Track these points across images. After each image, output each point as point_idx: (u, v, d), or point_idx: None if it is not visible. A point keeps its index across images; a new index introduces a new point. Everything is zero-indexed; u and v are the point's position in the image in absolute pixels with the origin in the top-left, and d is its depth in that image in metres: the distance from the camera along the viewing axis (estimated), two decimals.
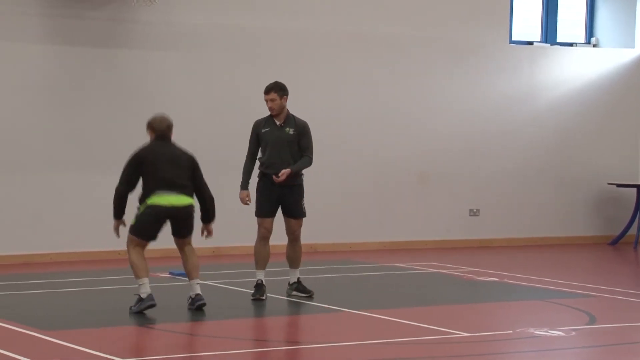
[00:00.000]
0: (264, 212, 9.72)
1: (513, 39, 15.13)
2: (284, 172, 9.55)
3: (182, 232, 9.17)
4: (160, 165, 8.97)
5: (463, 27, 14.55)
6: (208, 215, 9.31)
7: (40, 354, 7.25)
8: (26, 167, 12.32)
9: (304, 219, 9.88)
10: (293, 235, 9.82)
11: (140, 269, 8.94)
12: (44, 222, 12.39)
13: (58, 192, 12.43)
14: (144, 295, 8.85)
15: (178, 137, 9.17)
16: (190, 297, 9.13)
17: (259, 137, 9.73)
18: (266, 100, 9.72)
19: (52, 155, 12.43)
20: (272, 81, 9.86)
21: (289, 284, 9.95)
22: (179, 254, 13.20)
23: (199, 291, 9.12)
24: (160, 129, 9.10)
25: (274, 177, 9.56)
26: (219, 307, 9.59)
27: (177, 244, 9.25)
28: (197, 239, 9.30)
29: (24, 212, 12.30)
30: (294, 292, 9.88)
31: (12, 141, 12.25)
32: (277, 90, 9.70)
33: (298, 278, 9.92)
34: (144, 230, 9.02)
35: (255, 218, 9.80)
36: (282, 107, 9.73)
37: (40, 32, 12.35)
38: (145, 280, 8.91)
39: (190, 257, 9.24)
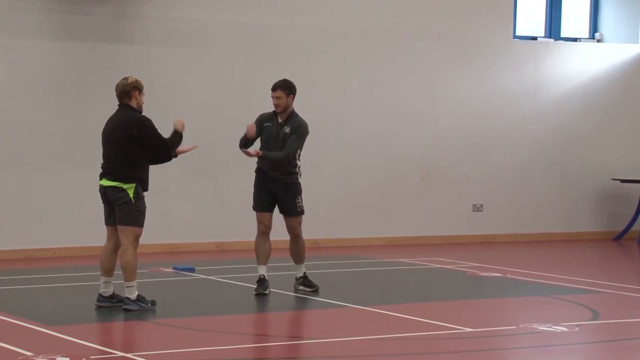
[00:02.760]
0: (260, 206, 9.73)
1: (517, 34, 15.11)
2: (255, 151, 9.52)
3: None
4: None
5: (467, 22, 14.52)
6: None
7: (43, 348, 7.26)
8: (30, 162, 12.32)
9: (306, 215, 9.87)
10: (293, 233, 9.83)
11: (136, 268, 8.78)
12: (48, 217, 12.40)
13: (62, 187, 12.44)
14: (142, 296, 8.79)
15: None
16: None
17: (260, 129, 9.73)
18: (272, 97, 9.72)
19: (56, 150, 12.44)
20: (276, 77, 9.87)
21: (295, 278, 9.97)
22: (182, 249, 13.29)
23: (126, 294, 8.73)
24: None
25: (243, 150, 9.52)
26: (222, 302, 9.60)
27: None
28: (201, 233, 9.24)
29: (28, 208, 12.31)
30: (300, 287, 9.90)
31: (16, 137, 12.25)
32: (284, 88, 9.69)
33: (304, 273, 9.94)
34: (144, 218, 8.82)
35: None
36: (288, 106, 9.72)
37: (44, 28, 12.35)
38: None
39: (120, 256, 8.78)
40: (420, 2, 14.29)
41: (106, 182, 8.73)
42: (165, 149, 8.79)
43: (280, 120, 9.73)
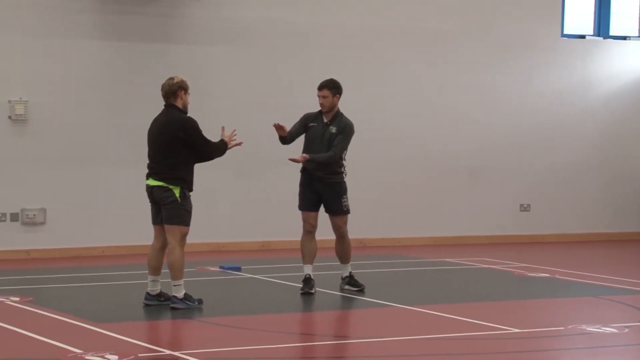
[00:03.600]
0: (305, 205, 9.74)
1: (565, 32, 14.98)
2: (302, 156, 9.53)
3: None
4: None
5: (514, 21, 14.43)
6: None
7: (93, 346, 7.32)
8: (78, 161, 12.45)
9: (351, 215, 9.86)
10: (338, 232, 9.82)
11: (183, 267, 8.84)
12: (96, 216, 12.52)
13: (109, 186, 12.56)
14: (189, 294, 8.83)
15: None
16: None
17: (305, 128, 9.73)
18: (318, 96, 9.72)
19: (104, 150, 12.55)
20: (321, 77, 9.87)
21: (341, 278, 9.97)
22: (229, 248, 13.35)
23: (174, 292, 8.78)
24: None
25: (290, 159, 9.54)
26: (268, 301, 9.62)
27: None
28: (247, 233, 9.26)
29: (75, 206, 12.44)
30: (346, 286, 9.90)
31: (65, 136, 12.39)
32: (330, 87, 9.69)
33: (350, 272, 9.93)
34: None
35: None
36: (333, 105, 9.72)
37: (92, 28, 12.47)
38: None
39: (167, 255, 8.82)
40: (467, 0, 14.22)
41: (152, 182, 8.78)
42: (208, 153, 8.83)
43: (325, 120, 9.73)
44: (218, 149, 8.90)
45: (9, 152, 12.18)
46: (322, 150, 9.61)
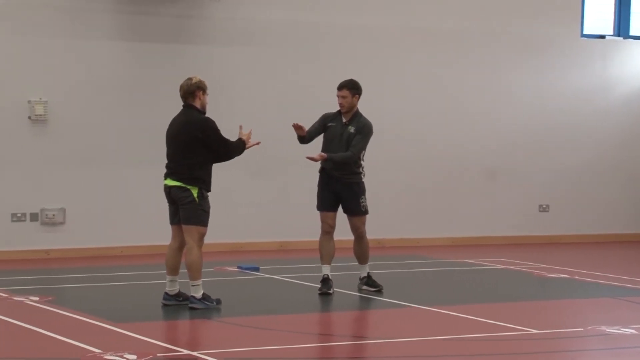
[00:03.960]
0: (324, 206, 9.74)
1: (585, 32, 14.92)
2: (320, 155, 9.53)
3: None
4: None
5: (533, 20, 14.38)
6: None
7: (111, 346, 7.34)
8: (97, 161, 12.49)
9: (370, 215, 9.85)
10: (357, 233, 9.81)
11: (201, 267, 8.85)
12: (115, 216, 12.56)
13: (129, 186, 12.59)
14: (208, 294, 8.84)
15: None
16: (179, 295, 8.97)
17: (324, 128, 9.72)
18: (338, 96, 9.72)
19: (122, 150, 12.59)
20: (339, 77, 9.87)
21: (359, 278, 9.96)
22: (247, 248, 13.36)
23: (192, 292, 8.79)
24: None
25: (307, 157, 9.53)
26: (286, 301, 9.62)
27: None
28: (265, 233, 9.26)
29: (95, 206, 12.48)
30: (364, 287, 9.88)
31: (84, 137, 12.43)
32: (350, 88, 9.69)
33: (368, 273, 9.92)
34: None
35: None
36: (352, 106, 9.71)
37: (111, 29, 12.51)
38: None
39: (185, 256, 8.81)
40: (487, 0, 14.18)
41: (170, 182, 8.80)
42: (227, 152, 8.84)
43: (344, 120, 9.72)
44: (237, 147, 8.91)
45: (28, 153, 12.23)
46: (341, 150, 9.61)
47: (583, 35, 14.86)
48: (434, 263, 12.26)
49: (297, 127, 9.59)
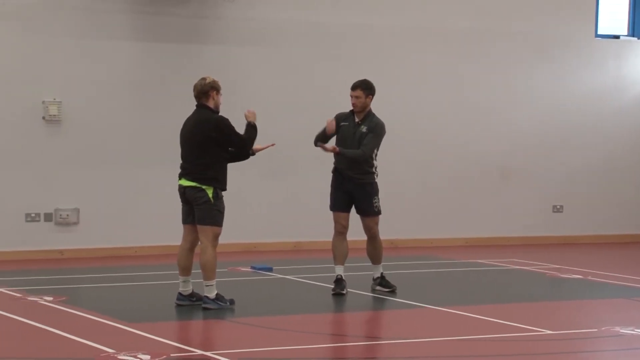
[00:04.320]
0: (337, 206, 9.74)
1: (599, 32, 14.87)
2: (332, 147, 9.53)
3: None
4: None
5: (548, 20, 14.35)
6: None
7: (125, 346, 7.36)
8: (111, 161, 12.53)
9: (383, 215, 9.84)
10: (370, 233, 9.81)
11: (215, 268, 8.86)
12: (129, 216, 12.59)
13: (142, 186, 12.62)
14: (221, 295, 8.85)
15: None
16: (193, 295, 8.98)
17: (337, 127, 9.73)
18: (351, 96, 9.72)
19: (137, 150, 12.62)
20: (354, 77, 9.87)
21: (373, 279, 9.96)
22: (260, 249, 13.37)
23: (205, 292, 8.79)
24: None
25: (319, 145, 9.51)
26: (300, 301, 9.63)
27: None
28: (278, 233, 9.26)
29: (108, 206, 12.51)
30: (378, 287, 9.88)
31: (98, 137, 12.46)
32: (363, 88, 9.69)
33: (382, 273, 9.92)
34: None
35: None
36: (365, 106, 9.71)
37: (125, 29, 12.54)
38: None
39: (200, 255, 8.83)
40: (501, 0, 14.16)
41: (185, 182, 8.82)
42: (244, 146, 8.85)
43: (357, 120, 9.73)
44: (250, 135, 8.88)
45: (42, 153, 12.27)
46: (353, 149, 9.61)
47: (597, 36, 14.82)
48: (448, 263, 12.25)
49: (330, 123, 9.58)
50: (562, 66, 14.47)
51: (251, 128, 8.92)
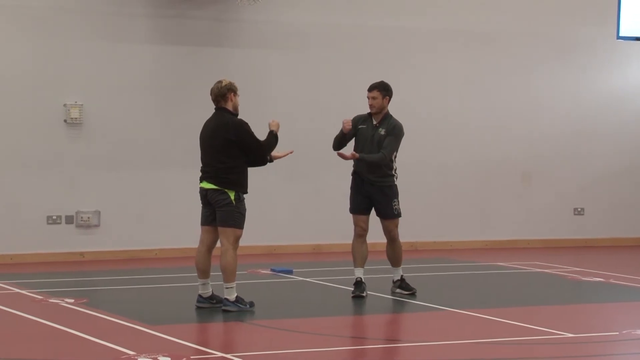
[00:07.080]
0: (356, 209, 9.73)
1: (621, 34, 14.79)
2: (351, 154, 9.52)
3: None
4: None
5: (569, 22, 14.31)
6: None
7: (145, 348, 7.38)
8: (132, 164, 12.58)
9: (403, 218, 9.83)
10: (389, 235, 9.80)
11: (236, 270, 8.87)
12: (150, 218, 12.63)
13: (163, 189, 12.66)
14: (241, 297, 8.86)
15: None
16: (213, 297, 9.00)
17: (355, 130, 9.72)
18: (368, 97, 9.71)
19: (158, 153, 12.67)
20: (375, 79, 9.85)
21: (392, 281, 9.95)
22: (280, 251, 13.38)
23: (225, 295, 8.80)
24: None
25: (339, 153, 9.51)
26: (320, 304, 9.63)
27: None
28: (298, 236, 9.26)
29: (129, 209, 12.56)
30: (397, 290, 9.87)
31: (119, 140, 12.51)
32: (380, 89, 9.68)
33: (402, 276, 9.90)
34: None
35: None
36: (382, 107, 9.70)
37: (146, 33, 12.59)
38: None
39: (220, 258, 8.84)
40: (522, 2, 14.13)
41: (207, 185, 8.84)
42: (262, 152, 8.86)
43: (374, 122, 9.72)
44: (269, 143, 8.90)
45: (64, 155, 12.34)
46: (372, 152, 9.61)
47: (619, 38, 14.74)
48: (468, 266, 12.22)
49: (347, 123, 9.58)
50: (583, 68, 14.42)
51: (272, 137, 8.95)
